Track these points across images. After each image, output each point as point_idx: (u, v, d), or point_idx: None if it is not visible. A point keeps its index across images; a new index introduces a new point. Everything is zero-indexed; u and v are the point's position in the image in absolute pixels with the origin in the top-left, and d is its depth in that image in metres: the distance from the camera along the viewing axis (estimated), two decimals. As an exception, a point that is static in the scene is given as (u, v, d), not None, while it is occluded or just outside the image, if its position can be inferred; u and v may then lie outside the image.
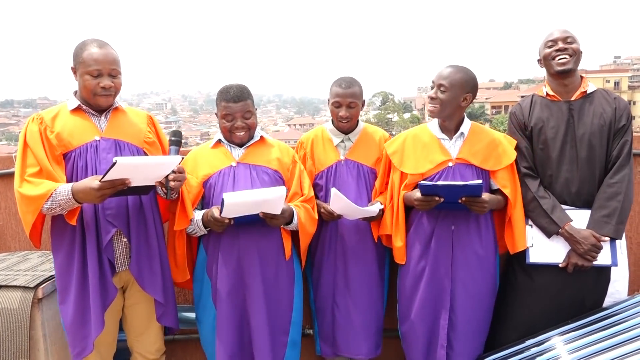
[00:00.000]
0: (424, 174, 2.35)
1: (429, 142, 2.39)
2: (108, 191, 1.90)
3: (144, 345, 2.30)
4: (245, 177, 2.29)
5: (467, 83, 2.30)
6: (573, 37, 2.34)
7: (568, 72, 2.31)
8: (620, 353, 1.95)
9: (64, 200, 1.94)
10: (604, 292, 2.39)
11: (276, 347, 2.31)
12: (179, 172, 2.05)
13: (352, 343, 2.50)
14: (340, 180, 2.50)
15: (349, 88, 2.44)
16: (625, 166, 2.28)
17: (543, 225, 2.33)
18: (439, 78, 2.32)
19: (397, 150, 2.43)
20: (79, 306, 2.08)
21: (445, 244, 2.32)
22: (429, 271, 2.35)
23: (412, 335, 2.44)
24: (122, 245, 2.14)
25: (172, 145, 2.15)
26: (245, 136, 2.32)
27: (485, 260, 2.36)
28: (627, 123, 2.31)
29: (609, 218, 2.24)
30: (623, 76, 58.05)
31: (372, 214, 2.38)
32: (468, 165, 2.34)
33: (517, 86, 74.10)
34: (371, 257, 2.52)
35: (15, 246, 2.98)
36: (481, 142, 2.36)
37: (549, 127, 2.35)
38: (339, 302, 2.51)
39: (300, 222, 2.30)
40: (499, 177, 2.34)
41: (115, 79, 2.10)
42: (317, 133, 2.62)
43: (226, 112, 2.27)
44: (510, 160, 2.35)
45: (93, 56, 2.04)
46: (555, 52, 2.31)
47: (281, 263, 2.33)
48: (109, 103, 2.13)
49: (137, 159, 1.98)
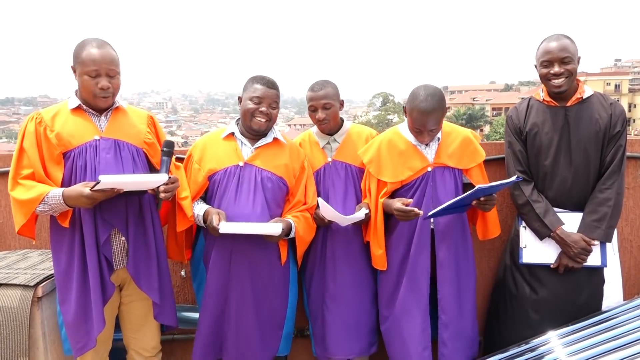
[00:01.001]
0: (403, 181, 2.37)
1: (405, 149, 2.40)
2: (99, 197, 1.94)
3: (140, 343, 2.31)
4: (249, 181, 2.29)
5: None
6: (570, 55, 2.27)
7: (563, 92, 2.33)
8: (620, 357, 1.95)
9: (55, 204, 1.98)
10: (599, 294, 2.41)
11: (269, 342, 2.36)
12: (171, 183, 2.08)
13: (343, 344, 2.51)
14: (329, 182, 2.51)
15: (321, 90, 2.45)
16: (617, 172, 2.33)
17: (535, 229, 2.39)
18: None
19: (372, 159, 2.42)
20: (80, 303, 2.08)
21: (426, 244, 2.35)
22: (409, 274, 2.37)
23: (392, 334, 2.45)
24: (120, 244, 2.14)
25: (164, 156, 2.14)
26: (264, 125, 2.30)
27: (466, 251, 2.42)
28: (621, 129, 2.34)
29: (599, 222, 2.30)
30: (624, 79, 58.06)
31: (359, 219, 2.38)
32: (445, 167, 2.37)
33: (518, 88, 74.11)
34: (362, 259, 2.53)
35: (15, 244, 2.98)
36: (454, 143, 2.40)
37: (544, 133, 2.38)
38: (328, 304, 2.52)
39: (298, 234, 2.32)
40: (474, 174, 2.41)
41: (114, 79, 2.09)
42: (304, 137, 2.63)
43: (256, 95, 2.28)
44: (482, 157, 2.43)
45: (91, 56, 2.04)
46: (551, 74, 2.30)
47: (275, 265, 2.35)
48: (108, 104, 2.14)
49: (121, 177, 2.01)
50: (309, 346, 2.80)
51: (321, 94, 2.44)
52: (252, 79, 2.34)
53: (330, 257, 2.50)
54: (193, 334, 2.83)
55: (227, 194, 2.28)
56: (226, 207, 2.26)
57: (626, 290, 2.72)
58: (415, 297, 2.36)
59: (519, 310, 2.47)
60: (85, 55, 2.05)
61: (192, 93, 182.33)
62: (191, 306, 2.88)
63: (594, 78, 54.47)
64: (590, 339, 2.13)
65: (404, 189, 2.39)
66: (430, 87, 2.26)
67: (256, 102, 2.28)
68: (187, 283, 2.96)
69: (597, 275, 2.40)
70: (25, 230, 2.10)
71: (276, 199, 2.34)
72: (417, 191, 2.36)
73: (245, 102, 2.32)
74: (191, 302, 2.95)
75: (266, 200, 2.29)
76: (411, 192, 2.37)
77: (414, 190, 2.37)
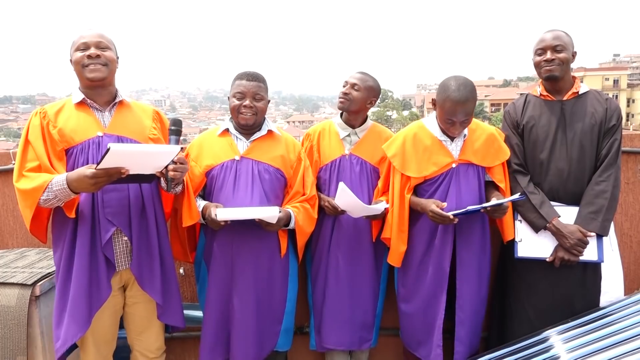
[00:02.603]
0: (427, 177, 2.36)
1: (431, 144, 2.38)
2: (103, 180, 1.85)
3: (144, 344, 2.28)
4: (246, 174, 2.29)
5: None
6: (563, 44, 2.32)
7: (555, 78, 2.35)
8: (619, 352, 1.95)
9: (59, 191, 1.91)
10: (597, 289, 2.42)
11: (268, 337, 2.37)
12: (180, 163, 1.99)
13: (334, 335, 2.54)
14: (343, 175, 2.51)
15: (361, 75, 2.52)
16: (613, 165, 2.34)
17: (531, 220, 2.38)
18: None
19: (397, 153, 2.41)
20: (60, 306, 2.06)
21: (448, 241, 2.35)
22: (433, 268, 2.37)
23: (409, 330, 2.48)
24: (123, 244, 2.11)
25: (172, 135, 2.07)
26: (251, 119, 2.29)
27: (484, 249, 2.42)
28: (617, 123, 2.36)
29: (595, 215, 2.30)
30: (622, 74, 58.05)
31: (376, 212, 2.37)
32: (469, 164, 2.36)
33: (516, 84, 74.19)
34: (368, 254, 2.53)
35: (13, 243, 2.97)
36: (479, 140, 2.38)
37: (540, 126, 2.39)
38: (327, 296, 2.54)
39: (298, 224, 2.32)
40: (496, 172, 2.39)
41: (104, 51, 2.07)
42: (325, 126, 2.63)
43: (238, 90, 2.28)
44: (506, 156, 2.40)
45: (81, 34, 2.08)
46: (544, 62, 2.34)
47: (275, 258, 2.35)
48: (100, 75, 2.05)
49: (132, 146, 1.95)
50: (308, 343, 2.80)
51: (357, 77, 2.51)
52: (236, 76, 2.35)
53: (337, 249, 2.51)
54: (193, 331, 2.84)
55: (225, 187, 2.28)
56: (225, 200, 2.26)
57: (626, 286, 2.72)
58: (436, 293, 2.37)
59: (516, 306, 2.48)
60: (76, 38, 2.07)
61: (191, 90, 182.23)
62: (191, 304, 2.87)
63: (593, 73, 54.46)
64: (590, 335, 2.13)
65: (426, 183, 2.38)
66: (460, 77, 2.26)
67: (239, 98, 2.29)
68: (186, 281, 2.95)
69: (594, 270, 2.40)
70: (35, 229, 2.06)
71: (274, 190, 2.34)
72: (441, 187, 2.34)
73: (231, 99, 2.33)
74: (190, 300, 2.95)
75: (264, 192, 2.29)
76: (434, 187, 2.36)
77: (437, 186, 2.35)
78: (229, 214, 2.10)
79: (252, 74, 2.32)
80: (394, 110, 64.90)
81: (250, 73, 2.32)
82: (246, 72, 2.33)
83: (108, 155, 1.74)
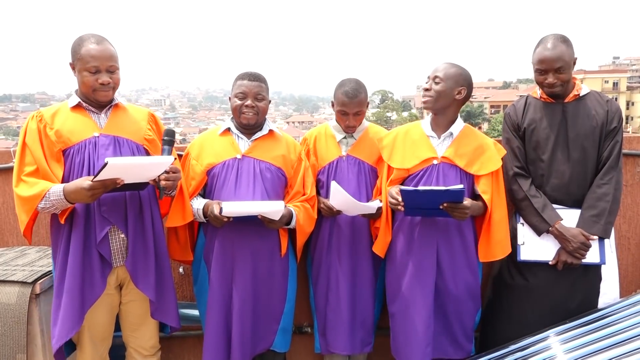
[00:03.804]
0: (409, 170, 2.37)
1: (418, 139, 2.42)
2: (99, 191, 1.92)
3: (138, 341, 2.30)
4: (248, 172, 2.31)
5: (462, 76, 2.32)
6: (564, 64, 2.27)
7: (557, 96, 2.35)
8: (617, 354, 1.96)
9: (56, 201, 1.96)
10: (596, 291, 2.42)
11: (264, 334, 2.38)
12: (173, 172, 2.05)
13: (340, 339, 2.53)
14: (340, 176, 2.51)
15: (356, 97, 2.42)
16: (615, 167, 2.34)
17: (534, 224, 2.38)
18: (434, 72, 2.36)
19: (387, 145, 2.46)
20: (56, 304, 2.08)
21: (431, 237, 2.33)
22: (414, 266, 2.36)
23: (397, 329, 2.45)
24: (120, 241, 2.13)
25: (165, 145, 2.14)
26: (253, 119, 2.31)
27: (468, 250, 2.38)
28: (618, 125, 2.36)
29: (597, 218, 2.30)
30: (622, 77, 58.08)
31: (370, 211, 2.38)
32: (452, 165, 2.34)
33: (516, 86, 74.12)
34: (366, 255, 2.54)
35: (13, 241, 2.98)
36: (469, 145, 2.37)
37: (542, 128, 2.39)
38: (330, 299, 2.54)
39: (299, 223, 2.33)
40: (481, 183, 2.34)
41: (114, 74, 2.10)
42: (321, 130, 2.64)
43: (240, 90, 2.31)
44: (495, 166, 2.35)
45: (90, 53, 2.03)
46: (546, 83, 2.33)
47: (275, 257, 2.36)
48: (108, 98, 2.13)
49: (129, 159, 1.98)
50: (308, 344, 2.81)
51: (356, 102, 2.42)
52: (237, 76, 2.38)
53: (337, 251, 2.51)
54: (191, 330, 2.84)
55: (227, 186, 2.30)
56: (226, 198, 2.26)
57: (623, 287, 2.73)
58: (421, 291, 2.35)
59: (514, 306, 2.47)
60: (84, 52, 2.04)
61: (191, 90, 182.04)
62: (189, 303, 2.87)
63: (592, 76, 54.50)
64: (588, 336, 2.14)
65: (408, 179, 2.39)
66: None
67: (241, 98, 2.31)
68: (185, 280, 2.96)
69: (594, 272, 2.41)
70: (27, 231, 2.10)
71: (275, 189, 2.35)
72: (420, 183, 2.34)
73: (233, 99, 2.35)
74: (189, 299, 2.95)
75: (266, 190, 2.31)
76: (413, 182, 2.36)
77: (416, 182, 2.35)
78: (234, 208, 2.12)
79: (253, 74, 2.34)
80: (393, 111, 64.94)
81: (252, 73, 2.35)
82: (248, 73, 2.35)
83: (105, 169, 1.82)
